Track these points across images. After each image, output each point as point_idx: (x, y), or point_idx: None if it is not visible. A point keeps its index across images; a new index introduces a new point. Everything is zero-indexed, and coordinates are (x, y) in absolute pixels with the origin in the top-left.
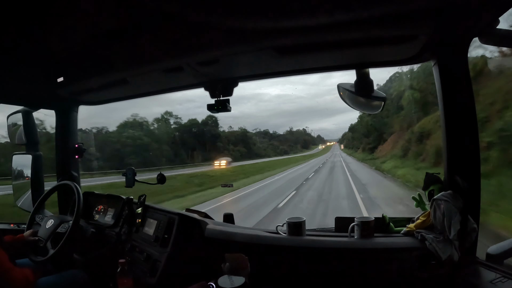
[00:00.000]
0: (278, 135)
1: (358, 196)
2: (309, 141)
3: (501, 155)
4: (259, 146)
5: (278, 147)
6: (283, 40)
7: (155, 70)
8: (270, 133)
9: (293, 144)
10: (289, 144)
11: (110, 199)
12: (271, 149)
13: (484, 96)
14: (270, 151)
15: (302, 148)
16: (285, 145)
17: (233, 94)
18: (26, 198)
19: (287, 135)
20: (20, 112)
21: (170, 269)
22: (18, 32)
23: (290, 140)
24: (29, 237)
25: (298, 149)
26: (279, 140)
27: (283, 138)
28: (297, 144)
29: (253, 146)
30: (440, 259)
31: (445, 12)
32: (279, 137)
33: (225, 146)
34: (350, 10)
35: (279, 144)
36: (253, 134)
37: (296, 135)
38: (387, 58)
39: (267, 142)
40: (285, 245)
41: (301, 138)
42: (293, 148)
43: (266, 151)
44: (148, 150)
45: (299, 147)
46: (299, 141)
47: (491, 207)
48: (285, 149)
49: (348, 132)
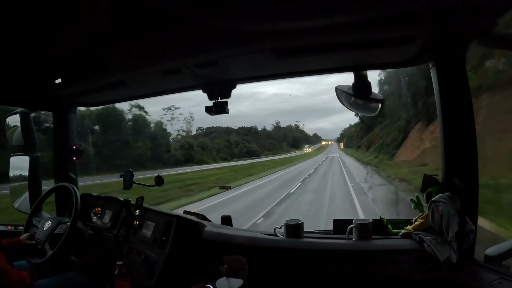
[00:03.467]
0: (264, 132)
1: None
2: (300, 139)
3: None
4: (196, 149)
5: (239, 146)
6: (281, 42)
7: (153, 72)
8: (258, 130)
9: (278, 142)
10: (272, 142)
11: (107, 201)
12: (222, 150)
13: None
14: (209, 155)
15: (290, 148)
16: (263, 144)
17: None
18: (24, 200)
19: (273, 132)
20: (18, 113)
21: (168, 271)
22: (16, 34)
23: (275, 137)
24: (26, 240)
25: (284, 148)
26: (256, 138)
27: (265, 135)
28: (284, 141)
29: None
30: (438, 260)
31: (443, 14)
32: (257, 134)
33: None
34: (348, 12)
35: (248, 144)
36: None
37: (285, 131)
38: (385, 60)
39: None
40: (283, 247)
41: (290, 135)
42: (275, 147)
43: (205, 155)
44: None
45: (286, 146)
46: (287, 139)
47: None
48: (253, 149)
49: (349, 128)
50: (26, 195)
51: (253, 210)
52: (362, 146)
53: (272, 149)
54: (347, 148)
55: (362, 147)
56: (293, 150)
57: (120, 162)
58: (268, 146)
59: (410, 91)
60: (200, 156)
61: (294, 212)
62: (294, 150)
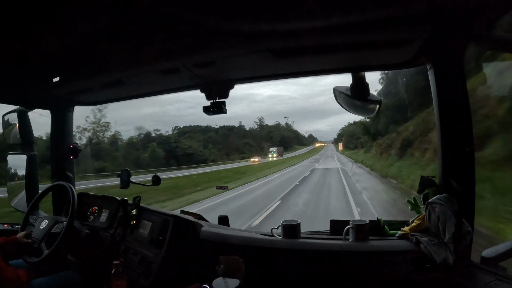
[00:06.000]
0: (240, 129)
1: None
2: (290, 139)
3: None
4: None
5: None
6: (279, 43)
7: (151, 71)
8: (244, 130)
9: (257, 143)
10: (248, 142)
11: (104, 200)
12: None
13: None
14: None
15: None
16: (238, 146)
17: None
18: (21, 199)
19: (255, 131)
20: (16, 111)
21: (165, 271)
22: (14, 32)
23: (258, 137)
24: (23, 239)
25: (265, 151)
26: (224, 138)
27: (242, 133)
28: (268, 142)
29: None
30: (434, 262)
31: (441, 16)
32: (239, 133)
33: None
34: (346, 14)
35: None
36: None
37: (271, 130)
38: (383, 61)
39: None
40: (280, 247)
41: (278, 134)
42: (252, 149)
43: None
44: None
45: (268, 147)
46: (273, 139)
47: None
48: (190, 152)
49: (348, 126)
50: (23, 194)
51: None
52: (374, 147)
53: (247, 152)
54: (349, 150)
55: (374, 148)
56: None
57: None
58: (243, 148)
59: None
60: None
61: None
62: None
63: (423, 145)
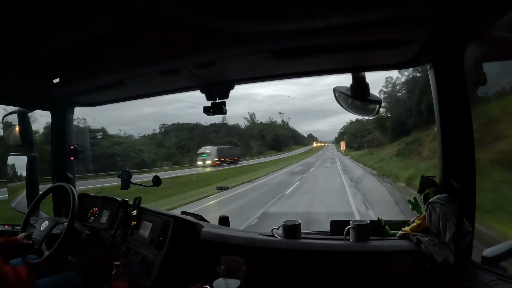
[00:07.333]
0: (223, 125)
1: None
2: (286, 138)
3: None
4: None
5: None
6: (280, 43)
7: (151, 72)
8: (238, 128)
9: (244, 142)
10: (231, 140)
11: (105, 201)
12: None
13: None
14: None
15: (271, 150)
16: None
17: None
18: (21, 200)
19: (245, 129)
20: (16, 112)
21: (165, 272)
22: (14, 33)
23: (246, 135)
24: (23, 240)
25: (253, 151)
26: (202, 135)
27: (226, 129)
28: (257, 141)
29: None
30: (435, 262)
31: (441, 16)
32: (230, 131)
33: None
34: (346, 14)
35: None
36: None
37: (263, 128)
38: (383, 61)
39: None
40: (281, 248)
41: (272, 132)
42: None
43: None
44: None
45: (256, 147)
46: (266, 137)
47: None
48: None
49: (350, 124)
50: (23, 195)
51: None
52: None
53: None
54: (353, 151)
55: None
56: (263, 155)
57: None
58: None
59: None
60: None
61: None
62: (271, 153)
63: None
